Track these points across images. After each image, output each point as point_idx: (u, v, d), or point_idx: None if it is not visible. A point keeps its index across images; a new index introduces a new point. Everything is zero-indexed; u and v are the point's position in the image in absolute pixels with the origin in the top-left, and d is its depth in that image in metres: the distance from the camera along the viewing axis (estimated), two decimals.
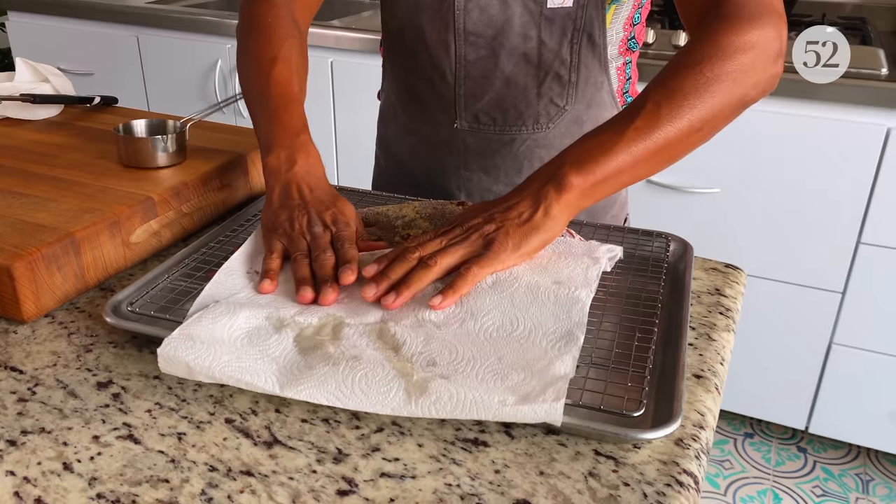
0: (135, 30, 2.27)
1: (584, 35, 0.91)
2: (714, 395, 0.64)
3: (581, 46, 0.92)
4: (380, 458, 0.56)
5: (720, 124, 0.72)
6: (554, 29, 0.90)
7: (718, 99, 0.70)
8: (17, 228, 0.74)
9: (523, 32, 0.90)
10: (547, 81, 0.93)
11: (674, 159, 0.72)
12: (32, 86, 1.07)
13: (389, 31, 0.99)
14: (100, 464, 0.55)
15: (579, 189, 0.68)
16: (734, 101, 0.72)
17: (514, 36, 0.90)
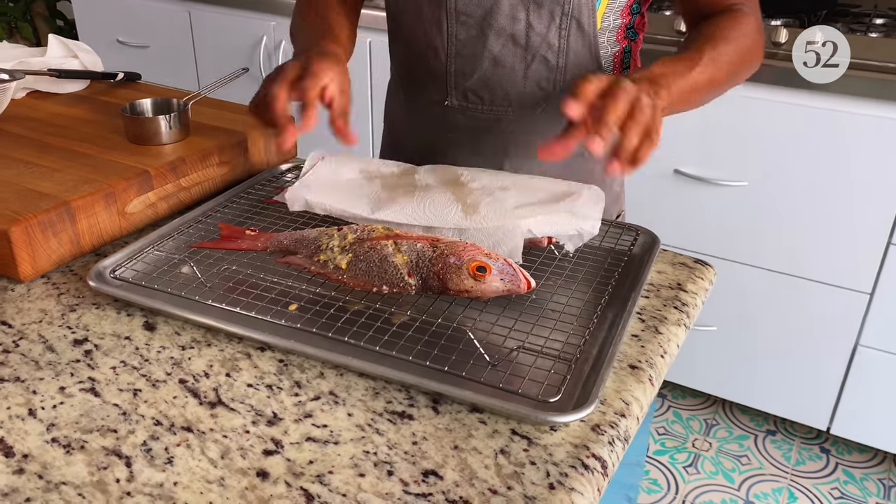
0: (187, 5, 2.36)
1: (573, 21, 0.92)
2: (646, 387, 0.66)
3: (570, 32, 0.93)
4: (310, 424, 0.61)
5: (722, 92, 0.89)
6: (542, 13, 0.92)
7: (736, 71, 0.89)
8: (20, 195, 0.80)
9: (512, 14, 0.92)
10: (534, 65, 0.95)
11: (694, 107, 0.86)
12: (62, 61, 1.14)
13: (391, 10, 1.03)
14: (60, 412, 0.61)
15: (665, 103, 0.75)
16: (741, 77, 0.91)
17: (503, 17, 0.93)
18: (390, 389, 0.64)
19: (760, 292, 1.83)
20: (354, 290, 0.73)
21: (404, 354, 0.65)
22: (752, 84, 1.65)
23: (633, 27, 1.00)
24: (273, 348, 0.69)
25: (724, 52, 0.85)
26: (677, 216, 1.86)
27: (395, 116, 1.13)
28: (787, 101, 1.64)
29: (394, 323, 0.69)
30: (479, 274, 0.69)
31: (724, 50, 0.85)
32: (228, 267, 0.77)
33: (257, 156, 1.02)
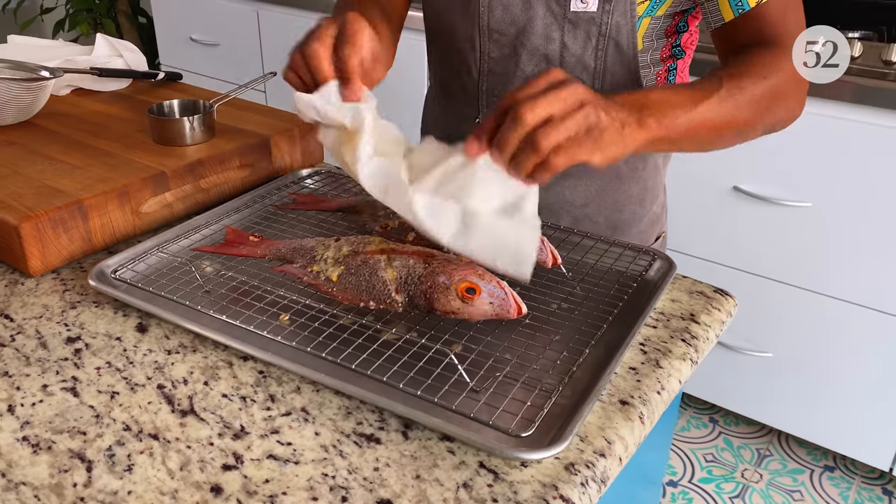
0: (255, 5, 2.41)
1: (611, 42, 0.88)
2: (634, 425, 0.62)
3: (607, 53, 0.89)
4: (275, 440, 0.59)
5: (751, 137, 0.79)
6: (578, 33, 0.88)
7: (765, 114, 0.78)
8: (38, 191, 0.83)
9: (545, 34, 0.89)
10: None
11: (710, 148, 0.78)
12: (107, 60, 1.18)
13: (429, 23, 1.02)
14: (37, 410, 0.62)
15: (652, 135, 0.67)
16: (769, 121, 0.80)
17: (536, 37, 0.89)
18: (363, 410, 0.63)
19: (821, 320, 1.73)
20: (344, 303, 0.72)
21: (380, 374, 0.63)
22: (820, 99, 1.56)
23: (679, 45, 0.95)
24: (254, 358, 0.68)
25: (748, 89, 0.75)
26: (734, 236, 1.77)
27: (431, 127, 1.12)
28: (858, 119, 1.53)
29: (380, 340, 0.67)
30: (468, 296, 0.66)
31: (748, 87, 0.75)
32: (227, 272, 0.77)
33: (280, 159, 1.02)
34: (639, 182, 0.99)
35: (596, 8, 0.86)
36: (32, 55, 1.16)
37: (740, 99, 0.74)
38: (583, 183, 0.98)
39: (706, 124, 0.72)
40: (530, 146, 0.60)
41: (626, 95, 0.68)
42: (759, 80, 0.76)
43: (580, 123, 0.61)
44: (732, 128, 0.76)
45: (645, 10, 0.86)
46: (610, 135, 0.63)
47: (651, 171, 0.99)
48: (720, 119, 0.74)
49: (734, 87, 0.74)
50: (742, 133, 0.78)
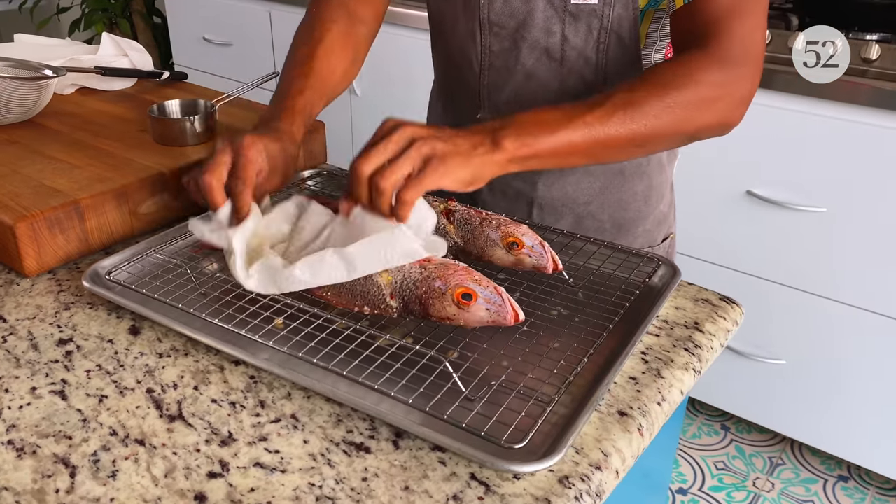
0: (268, 5, 2.40)
1: (613, 35, 0.86)
2: (633, 437, 0.60)
3: (609, 47, 0.87)
4: (262, 448, 0.58)
5: (662, 148, 0.78)
6: (579, 26, 0.86)
7: (671, 127, 0.74)
8: (35, 190, 0.82)
9: (546, 27, 0.87)
10: (570, 80, 0.90)
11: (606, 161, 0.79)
12: (112, 59, 1.17)
13: (433, 18, 1.00)
14: (24, 413, 0.61)
15: (510, 155, 0.70)
16: (685, 133, 0.77)
17: (537, 30, 0.88)
18: (354, 418, 0.61)
19: (835, 327, 1.69)
20: (338, 308, 0.70)
21: (372, 381, 0.61)
22: (834, 102, 1.53)
23: None
24: (245, 363, 0.67)
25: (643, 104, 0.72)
26: (747, 241, 1.74)
27: (435, 122, 1.11)
28: (876, 123, 1.50)
29: (374, 346, 0.66)
30: (464, 301, 0.65)
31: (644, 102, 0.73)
32: (222, 275, 0.76)
33: None
34: (643, 179, 0.97)
35: (597, 0, 0.84)
36: (39, 54, 1.15)
37: (633, 113, 0.72)
38: (586, 180, 0.96)
39: (584, 142, 0.71)
40: (375, 191, 0.66)
41: (487, 123, 0.71)
42: (665, 94, 0.73)
43: (414, 158, 0.66)
44: (623, 140, 0.73)
45: (647, 3, 0.84)
46: (454, 159, 0.67)
47: (656, 167, 0.97)
48: (606, 133, 0.72)
49: (625, 102, 0.73)
50: (643, 144, 0.75)
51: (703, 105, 0.75)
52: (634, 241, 0.98)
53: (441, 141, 0.67)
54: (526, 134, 0.70)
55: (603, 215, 0.97)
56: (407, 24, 2.01)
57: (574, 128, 0.71)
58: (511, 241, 0.74)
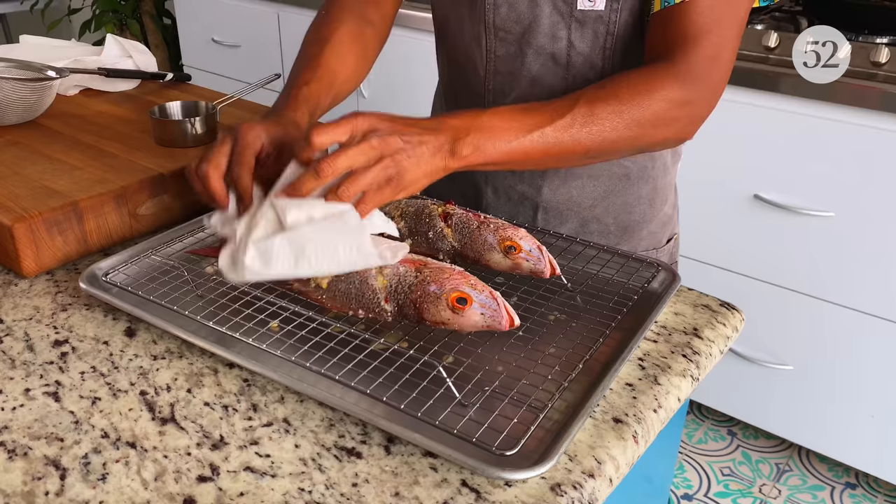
0: (276, 7, 2.41)
1: (620, 41, 0.86)
2: (627, 444, 0.60)
3: (616, 53, 0.87)
4: (253, 452, 0.58)
5: (616, 157, 0.78)
6: (585, 32, 0.86)
7: (626, 142, 0.75)
8: (34, 192, 0.82)
9: (552, 33, 0.87)
10: (575, 86, 0.89)
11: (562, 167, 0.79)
12: (116, 60, 1.18)
13: (438, 20, 1.00)
14: (17, 415, 0.61)
15: (464, 162, 0.70)
16: (640, 145, 0.77)
17: (542, 35, 0.87)
18: (346, 422, 0.61)
19: (843, 333, 1.68)
20: (333, 311, 0.70)
21: (364, 386, 0.61)
22: (843, 106, 1.51)
23: None
24: (239, 366, 0.66)
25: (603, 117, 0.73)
26: (754, 245, 1.73)
27: None
28: (886, 128, 1.49)
29: (367, 350, 0.66)
30: (459, 306, 0.64)
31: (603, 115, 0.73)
32: (218, 277, 0.76)
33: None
34: (648, 182, 0.96)
35: (603, 6, 0.84)
36: (44, 55, 1.16)
37: (591, 127, 0.73)
38: (591, 184, 0.95)
39: (538, 149, 0.72)
40: (334, 196, 0.65)
41: (453, 119, 0.70)
42: (624, 110, 0.73)
43: (378, 175, 0.65)
44: (578, 152, 0.74)
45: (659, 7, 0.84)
46: (414, 173, 0.67)
47: (660, 170, 0.96)
48: (560, 144, 0.72)
49: (586, 113, 0.73)
50: (596, 157, 0.76)
51: (659, 123, 0.75)
52: (639, 243, 0.98)
53: (406, 155, 0.66)
54: (484, 140, 0.70)
55: (608, 218, 0.97)
56: (414, 25, 2.00)
57: (531, 139, 0.71)
58: (508, 244, 0.74)
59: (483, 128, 0.70)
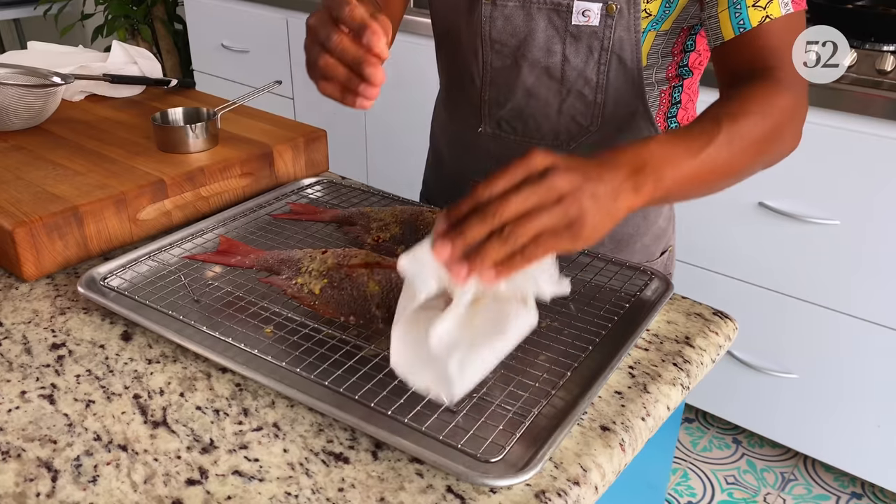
0: (285, 13, 2.43)
1: (613, 56, 0.86)
2: (614, 452, 0.60)
3: (610, 68, 0.87)
4: (242, 456, 0.59)
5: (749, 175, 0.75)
6: (580, 47, 0.86)
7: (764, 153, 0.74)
8: (36, 197, 0.83)
9: (547, 47, 0.87)
10: (570, 99, 0.90)
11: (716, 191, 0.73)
12: (121, 66, 1.19)
13: (437, 30, 1.01)
14: (12, 417, 0.62)
15: (649, 197, 0.63)
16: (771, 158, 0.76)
17: (537, 49, 0.88)
18: (335, 428, 0.61)
19: (848, 342, 1.67)
20: (325, 317, 0.71)
21: (353, 392, 0.61)
22: (851, 115, 1.51)
23: (686, 65, 0.92)
24: (232, 371, 0.67)
25: (745, 129, 0.70)
26: (758, 252, 1.72)
27: (437, 138, 1.11)
28: (890, 136, 1.48)
29: (358, 356, 0.66)
30: None
31: (745, 126, 0.70)
32: (215, 282, 0.77)
33: (283, 168, 1.02)
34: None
35: (598, 22, 0.84)
36: (51, 61, 1.17)
37: (739, 144, 0.70)
38: None
39: (703, 174, 0.67)
40: (498, 238, 0.54)
41: (622, 155, 0.62)
42: (758, 122, 0.72)
43: (558, 218, 0.55)
44: (730, 175, 0.71)
45: (649, 24, 0.84)
46: (593, 219, 0.57)
47: None
48: (718, 166, 0.68)
49: (734, 132, 0.69)
50: (737, 178, 0.73)
51: (783, 131, 0.75)
52: (633, 255, 0.98)
53: (587, 198, 0.57)
54: (662, 171, 0.63)
55: None
56: (419, 31, 2.02)
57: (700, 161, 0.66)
58: None
59: (656, 157, 0.63)
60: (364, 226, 0.84)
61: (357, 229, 0.85)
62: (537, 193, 0.55)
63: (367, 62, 0.62)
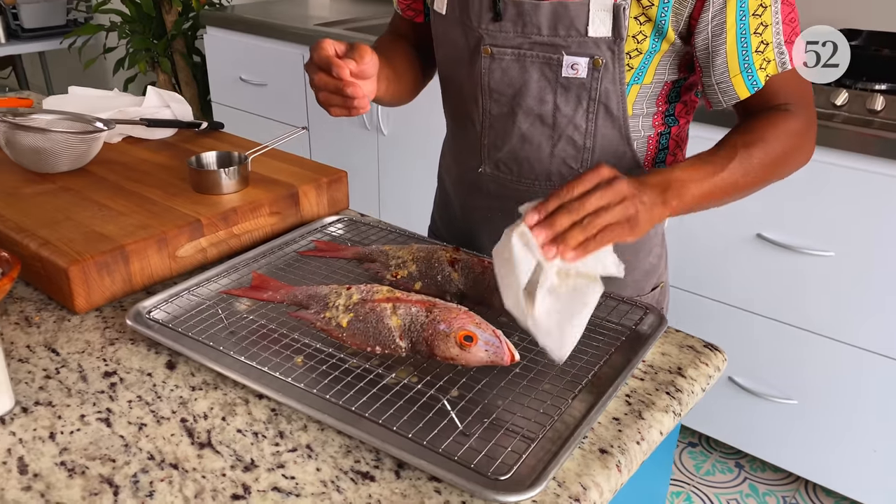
0: (302, 48, 2.53)
1: (601, 105, 0.95)
2: (612, 473, 0.67)
3: (598, 116, 0.95)
4: (280, 474, 0.66)
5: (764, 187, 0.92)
6: (569, 97, 0.95)
7: (775, 173, 0.91)
8: (86, 236, 0.92)
9: (539, 96, 0.96)
10: (560, 143, 0.98)
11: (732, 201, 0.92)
12: (156, 110, 1.28)
13: (441, 74, 1.10)
14: (75, 438, 0.70)
15: (673, 210, 0.82)
16: (781, 175, 0.93)
17: (531, 98, 0.96)
18: (362, 449, 0.69)
19: (844, 369, 1.73)
20: (352, 348, 0.78)
21: (377, 416, 0.69)
22: (844, 152, 1.58)
23: (672, 114, 1.00)
24: (268, 397, 0.75)
25: (757, 155, 0.87)
26: (758, 282, 1.79)
27: (444, 173, 1.19)
28: (881, 172, 1.55)
29: (381, 384, 0.74)
30: (466, 343, 0.72)
31: (757, 153, 0.87)
32: (249, 315, 0.85)
33: (307, 207, 1.10)
34: None
35: (586, 74, 0.92)
36: (91, 105, 1.27)
37: (751, 165, 0.87)
38: None
39: (717, 192, 0.85)
40: (579, 226, 0.72)
41: (654, 177, 0.81)
42: (770, 147, 0.88)
43: (621, 214, 0.74)
44: (741, 190, 0.88)
45: (631, 78, 0.92)
46: (643, 218, 0.76)
47: None
48: (730, 186, 0.86)
49: (746, 155, 0.87)
50: (748, 193, 0.90)
51: (794, 153, 0.91)
52: (623, 289, 1.05)
53: (640, 202, 0.76)
54: (683, 190, 0.82)
55: None
56: None
57: (714, 182, 0.85)
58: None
59: (679, 181, 0.82)
60: (383, 263, 0.92)
61: (377, 266, 0.93)
62: (607, 196, 0.74)
63: (345, 86, 0.84)
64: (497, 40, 0.95)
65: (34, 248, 0.90)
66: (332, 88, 0.85)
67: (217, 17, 2.77)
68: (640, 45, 0.90)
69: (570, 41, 0.91)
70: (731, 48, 0.89)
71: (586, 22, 0.89)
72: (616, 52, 0.90)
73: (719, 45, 0.89)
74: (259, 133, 1.48)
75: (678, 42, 0.91)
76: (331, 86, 0.85)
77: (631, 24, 0.89)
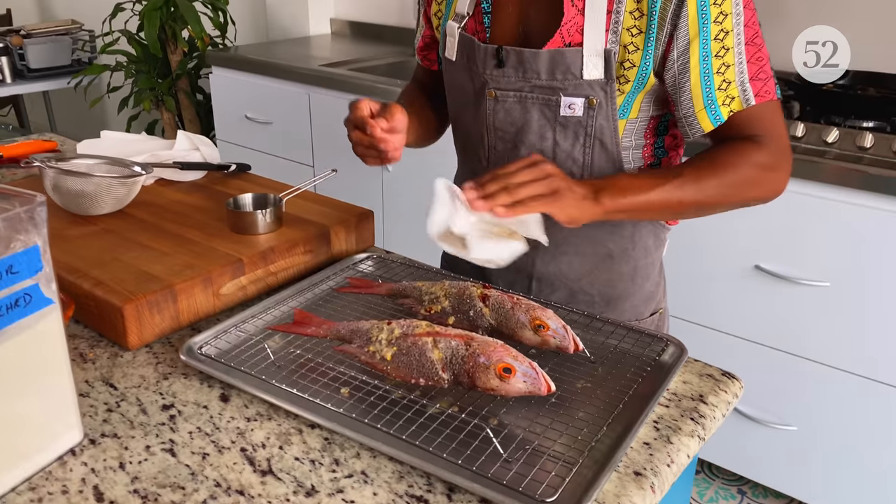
0: (307, 88, 2.60)
1: (596, 141, 1.03)
2: (646, 493, 0.72)
3: (593, 150, 1.04)
4: (340, 499, 0.71)
5: (718, 211, 1.00)
6: (567, 133, 1.03)
7: (725, 196, 0.97)
8: (136, 276, 0.97)
9: (540, 133, 1.04)
10: None
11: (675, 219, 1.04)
12: (186, 153, 1.34)
13: (451, 113, 1.18)
14: (144, 467, 0.74)
15: (605, 209, 0.92)
16: (734, 202, 0.99)
17: (532, 135, 1.05)
18: (413, 475, 0.74)
19: (841, 396, 1.79)
20: (396, 379, 0.83)
21: (426, 444, 0.74)
22: (836, 187, 1.66)
23: (662, 146, 1.08)
24: (321, 427, 0.80)
25: (707, 177, 0.95)
26: (756, 312, 1.86)
27: None
28: (873, 206, 1.63)
29: (427, 414, 0.79)
30: (505, 375, 0.78)
31: (708, 175, 0.95)
32: (294, 350, 0.90)
33: (338, 245, 1.16)
34: (629, 262, 1.11)
35: (582, 113, 1.01)
36: (123, 149, 1.32)
37: (699, 186, 0.95)
38: (578, 260, 1.11)
39: (661, 204, 0.94)
40: (508, 192, 0.86)
41: (598, 179, 0.94)
42: (727, 171, 0.95)
43: (546, 188, 0.87)
44: (689, 207, 0.97)
45: (618, 114, 1.01)
46: (568, 199, 0.88)
47: (641, 252, 1.12)
48: (676, 200, 0.95)
49: (694, 176, 0.95)
50: (704, 210, 0.99)
51: (750, 185, 0.97)
52: (623, 314, 1.12)
53: (566, 184, 0.89)
54: (619, 194, 0.92)
55: (593, 290, 1.12)
56: None
57: (654, 194, 0.94)
58: (538, 323, 0.87)
59: (618, 185, 0.92)
60: (416, 298, 0.98)
61: (410, 301, 0.99)
62: (534, 172, 0.88)
63: (378, 142, 0.98)
64: (500, 84, 1.04)
65: (87, 287, 0.95)
66: (366, 144, 0.99)
67: (223, 58, 2.85)
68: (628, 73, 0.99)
69: (567, 84, 1.00)
70: (694, 85, 0.97)
71: (581, 66, 0.98)
72: (608, 92, 0.99)
73: (684, 82, 0.97)
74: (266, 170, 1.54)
75: (654, 79, 1.00)
76: (365, 142, 0.99)
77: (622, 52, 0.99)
